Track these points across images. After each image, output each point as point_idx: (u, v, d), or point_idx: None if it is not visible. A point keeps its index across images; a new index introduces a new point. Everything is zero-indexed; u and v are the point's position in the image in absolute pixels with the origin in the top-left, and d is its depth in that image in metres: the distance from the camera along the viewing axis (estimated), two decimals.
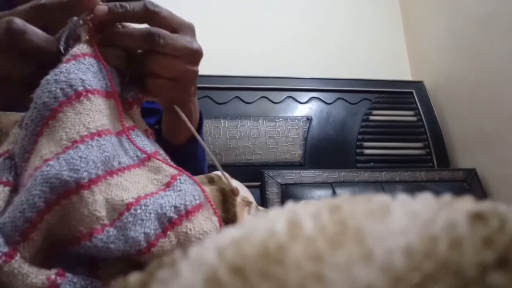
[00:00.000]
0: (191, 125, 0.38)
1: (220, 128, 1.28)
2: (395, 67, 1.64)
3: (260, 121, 1.33)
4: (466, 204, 0.13)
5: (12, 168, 0.26)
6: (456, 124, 1.41)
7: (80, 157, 0.24)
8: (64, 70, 0.27)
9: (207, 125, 1.28)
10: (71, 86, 0.26)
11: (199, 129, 0.50)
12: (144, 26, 0.33)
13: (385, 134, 1.40)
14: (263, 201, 1.12)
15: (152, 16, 0.32)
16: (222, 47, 1.50)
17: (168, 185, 0.29)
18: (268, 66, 1.49)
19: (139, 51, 0.34)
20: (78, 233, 0.23)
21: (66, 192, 0.23)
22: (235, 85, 1.36)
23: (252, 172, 1.20)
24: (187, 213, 0.27)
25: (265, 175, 1.17)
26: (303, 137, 1.33)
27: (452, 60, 1.44)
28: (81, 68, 0.27)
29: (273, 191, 1.14)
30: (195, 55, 0.36)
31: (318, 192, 1.15)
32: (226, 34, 1.53)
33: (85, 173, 0.24)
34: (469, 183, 1.24)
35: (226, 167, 1.25)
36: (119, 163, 0.27)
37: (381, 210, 0.13)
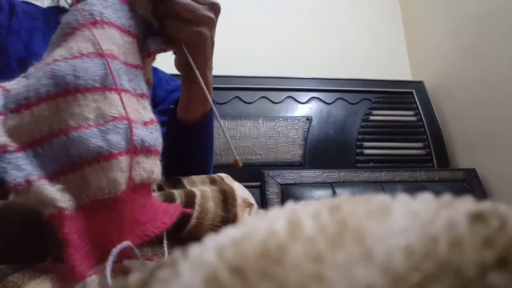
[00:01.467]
0: (205, 89, 0.42)
1: (221, 128, 1.28)
2: (395, 67, 1.64)
3: (260, 121, 1.33)
4: (466, 204, 0.13)
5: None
6: (456, 124, 1.41)
7: (83, 67, 0.29)
8: (89, 2, 0.33)
9: None
10: (91, 14, 0.32)
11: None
12: None
13: (385, 134, 1.39)
14: (263, 201, 1.12)
15: None
16: (222, 47, 1.49)
17: (145, 124, 0.34)
18: (268, 66, 1.49)
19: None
20: (67, 125, 0.28)
21: (64, 92, 0.28)
22: (235, 85, 1.36)
23: (252, 172, 1.19)
24: (147, 150, 0.32)
25: (265, 175, 1.17)
26: (303, 137, 1.33)
27: (452, 60, 1.44)
28: (103, 3, 0.33)
29: (273, 191, 1.14)
30: (214, 6, 0.41)
31: (318, 192, 1.15)
32: (226, 35, 1.53)
33: (83, 81, 0.29)
34: (469, 183, 1.24)
35: (226, 167, 1.25)
36: (120, 84, 0.32)
37: (381, 210, 0.13)
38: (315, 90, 1.43)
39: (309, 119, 1.37)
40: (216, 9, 0.41)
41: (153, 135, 0.33)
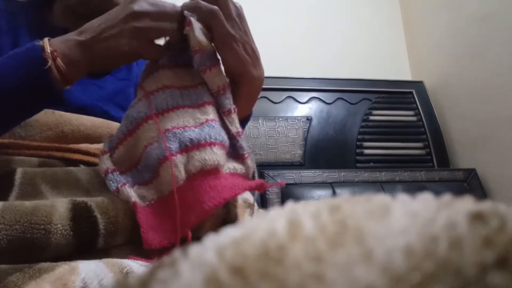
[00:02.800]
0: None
1: None
2: (395, 67, 1.64)
3: (260, 121, 1.33)
4: (466, 204, 0.13)
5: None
6: (456, 124, 1.41)
7: (140, 106, 0.41)
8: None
9: None
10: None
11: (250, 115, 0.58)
12: None
13: (385, 134, 1.39)
14: (263, 201, 1.12)
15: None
16: None
17: (200, 124, 0.40)
18: (268, 66, 1.48)
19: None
20: (143, 147, 0.39)
21: (137, 124, 0.40)
22: None
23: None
24: (197, 145, 0.38)
25: (265, 175, 1.17)
26: (303, 137, 1.33)
27: (452, 60, 1.44)
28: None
29: (273, 191, 1.14)
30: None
31: (318, 192, 1.15)
32: None
33: (143, 115, 0.40)
34: (469, 183, 1.24)
35: None
36: (176, 103, 0.42)
37: (381, 210, 0.13)
38: (315, 90, 1.43)
39: (309, 119, 1.37)
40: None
41: (204, 132, 0.39)
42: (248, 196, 0.42)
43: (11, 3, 0.59)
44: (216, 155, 0.38)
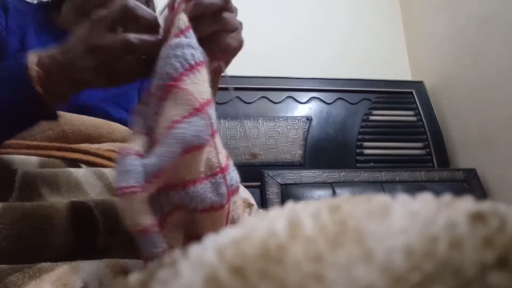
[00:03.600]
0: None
1: (220, 128, 1.28)
2: (395, 67, 1.64)
3: (260, 121, 1.33)
4: (466, 204, 0.13)
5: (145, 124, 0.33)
6: (456, 124, 1.41)
7: (201, 125, 0.31)
8: (179, 45, 0.33)
9: None
10: (186, 60, 0.32)
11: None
12: None
13: (385, 134, 1.39)
14: (263, 201, 1.12)
15: (229, 7, 0.39)
16: None
17: (228, 159, 0.36)
18: (268, 66, 1.49)
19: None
20: (185, 181, 0.31)
21: (189, 150, 0.30)
22: (235, 85, 1.36)
23: (252, 172, 1.19)
24: (237, 189, 0.35)
25: (265, 175, 1.17)
26: (303, 137, 1.33)
27: (452, 60, 1.44)
28: (189, 43, 0.33)
29: (273, 191, 1.14)
30: (236, 11, 0.44)
31: (318, 192, 1.15)
32: None
33: (203, 140, 0.31)
34: (469, 183, 1.24)
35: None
36: (215, 126, 0.34)
37: (381, 210, 0.13)
38: (315, 90, 1.43)
39: (309, 119, 1.37)
40: (236, 12, 0.45)
41: (235, 172, 0.35)
42: (247, 196, 0.43)
43: (21, 3, 0.59)
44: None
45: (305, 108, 1.39)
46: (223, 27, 0.39)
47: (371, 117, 1.41)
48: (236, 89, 1.36)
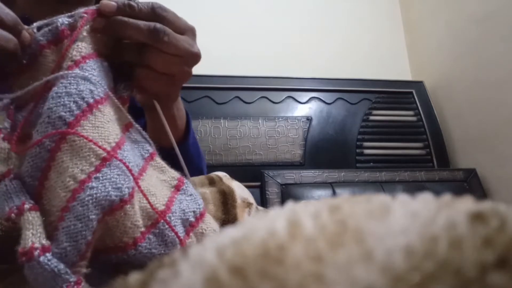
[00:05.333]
0: (166, 124, 0.37)
1: (220, 128, 1.28)
2: (395, 67, 1.64)
3: (260, 121, 1.33)
4: (466, 204, 0.13)
5: (23, 189, 0.25)
6: (456, 124, 1.41)
7: (117, 174, 0.25)
8: (72, 81, 0.26)
9: (207, 125, 1.28)
10: (82, 98, 0.26)
11: (188, 128, 0.48)
12: None
13: (385, 134, 1.39)
14: (263, 201, 1.12)
15: (158, 18, 0.32)
16: (222, 47, 1.50)
17: (178, 188, 0.31)
18: (268, 66, 1.49)
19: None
20: (123, 243, 0.25)
21: (112, 210, 0.24)
22: (235, 85, 1.36)
23: (252, 172, 1.19)
24: (200, 215, 0.30)
25: (265, 175, 1.17)
26: (303, 137, 1.33)
27: (452, 60, 1.44)
28: (86, 76, 0.27)
29: (273, 191, 1.14)
30: (193, 58, 0.36)
31: (318, 192, 1.15)
32: (226, 34, 1.53)
33: (126, 189, 0.25)
34: (469, 183, 1.24)
35: (226, 167, 1.25)
36: (137, 166, 0.28)
37: (381, 210, 0.13)
38: (315, 90, 1.43)
39: (309, 119, 1.37)
40: (196, 60, 0.36)
41: (192, 197, 0.31)
42: (247, 195, 0.42)
43: None
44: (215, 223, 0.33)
45: (305, 108, 1.39)
46: (144, 62, 0.32)
47: (371, 117, 1.41)
48: (236, 89, 1.36)
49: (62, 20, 0.28)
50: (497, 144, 1.22)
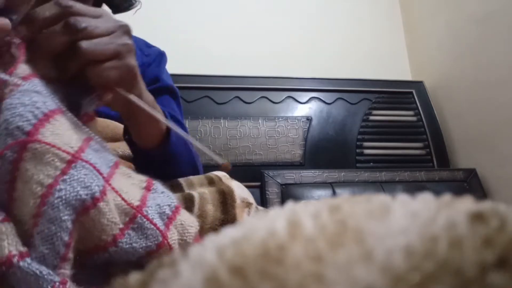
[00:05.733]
0: (145, 106, 0.36)
1: (220, 128, 1.28)
2: (395, 67, 1.64)
3: (260, 121, 1.33)
4: (466, 204, 0.13)
5: None
6: (456, 124, 1.41)
7: (84, 174, 0.25)
8: (25, 93, 0.26)
9: (207, 125, 1.28)
10: (38, 108, 0.26)
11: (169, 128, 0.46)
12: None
13: (385, 134, 1.39)
14: (263, 201, 1.12)
15: (68, 11, 0.31)
16: (222, 47, 1.50)
17: (148, 188, 0.31)
18: (268, 66, 1.49)
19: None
20: (102, 241, 0.25)
21: (84, 209, 0.24)
22: (235, 85, 1.36)
23: (252, 172, 1.19)
24: (176, 209, 0.30)
25: (265, 175, 1.17)
26: (303, 137, 1.33)
27: (452, 60, 1.44)
28: (37, 89, 0.27)
29: (273, 191, 1.14)
30: (123, 29, 0.35)
31: (318, 192, 1.15)
32: (226, 34, 1.53)
33: (96, 187, 0.25)
34: (469, 183, 1.24)
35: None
36: (104, 169, 0.28)
37: (381, 210, 0.13)
38: (315, 90, 1.43)
39: (309, 119, 1.37)
40: (127, 31, 0.35)
41: (165, 193, 0.31)
42: (246, 195, 0.42)
43: None
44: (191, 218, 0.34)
45: (305, 108, 1.39)
46: (84, 61, 0.31)
47: (371, 117, 1.41)
48: (236, 89, 1.36)
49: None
50: (497, 144, 1.22)
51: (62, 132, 0.26)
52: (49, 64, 0.31)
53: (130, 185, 0.30)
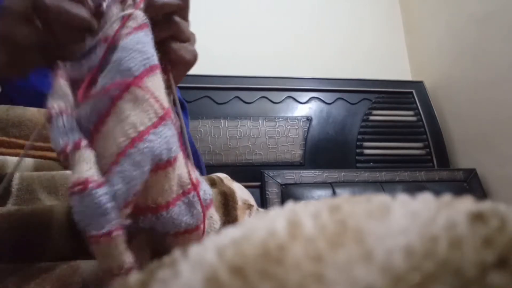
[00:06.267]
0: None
1: (220, 128, 1.28)
2: (395, 67, 1.64)
3: (260, 121, 1.33)
4: (466, 204, 0.13)
5: (78, 128, 0.25)
6: (456, 124, 1.41)
7: (170, 135, 0.26)
8: (141, 40, 0.27)
9: (207, 125, 1.28)
10: (148, 58, 0.27)
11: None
12: None
13: (385, 134, 1.39)
14: (263, 201, 1.12)
15: None
16: (222, 47, 1.50)
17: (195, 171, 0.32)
18: (268, 66, 1.49)
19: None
20: (155, 204, 0.26)
21: (157, 167, 0.25)
22: (235, 85, 1.36)
23: (252, 172, 1.19)
24: (210, 201, 0.31)
25: (265, 175, 1.17)
26: (303, 137, 1.33)
27: (452, 60, 1.44)
28: (149, 41, 0.28)
29: (273, 191, 1.14)
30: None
31: (318, 192, 1.15)
32: (226, 34, 1.53)
33: (174, 152, 0.26)
34: (469, 183, 1.24)
35: (226, 167, 1.25)
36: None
37: (381, 210, 0.13)
38: (315, 90, 1.43)
39: (309, 119, 1.37)
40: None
41: (206, 185, 0.31)
42: (247, 197, 0.42)
43: None
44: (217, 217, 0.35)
45: (305, 108, 1.39)
46: (175, 33, 0.35)
47: (371, 117, 1.42)
48: (236, 89, 1.36)
49: None
50: (497, 144, 1.22)
51: (160, 89, 0.27)
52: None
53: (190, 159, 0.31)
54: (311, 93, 1.42)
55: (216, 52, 1.48)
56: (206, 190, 0.31)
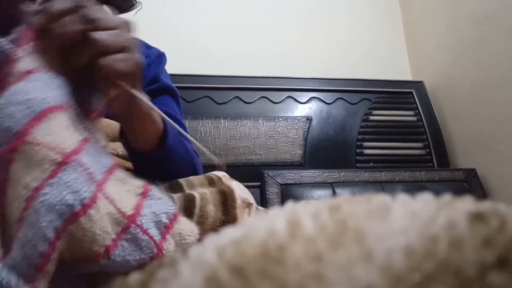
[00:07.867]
0: (151, 104, 0.35)
1: (220, 128, 1.28)
2: (395, 67, 1.64)
3: (260, 121, 1.33)
4: (466, 204, 0.13)
5: None
6: (456, 124, 1.41)
7: (74, 178, 0.23)
8: (21, 90, 0.25)
9: (207, 125, 1.28)
10: (32, 106, 0.24)
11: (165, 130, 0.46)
12: None
13: (385, 134, 1.39)
14: (263, 201, 1.12)
15: (80, 5, 0.32)
16: (222, 47, 1.50)
17: (144, 194, 0.29)
18: (268, 66, 1.49)
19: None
20: (93, 253, 0.23)
21: (73, 216, 0.22)
22: (235, 85, 1.36)
23: (252, 172, 1.19)
24: (174, 217, 0.29)
25: (265, 175, 1.17)
26: (303, 137, 1.33)
27: (452, 60, 1.44)
28: (38, 85, 0.26)
29: (273, 191, 1.14)
30: (128, 25, 0.35)
31: (318, 192, 1.15)
32: (226, 34, 1.53)
33: (85, 193, 0.23)
34: (469, 183, 1.24)
35: (226, 167, 1.24)
36: (99, 174, 0.27)
37: (381, 210, 0.13)
38: (315, 90, 1.43)
39: (309, 119, 1.37)
40: (131, 28, 0.36)
41: (162, 200, 0.29)
42: (247, 195, 0.42)
43: None
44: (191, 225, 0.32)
45: (305, 108, 1.39)
46: (100, 49, 0.31)
47: (371, 117, 1.41)
48: (236, 89, 1.36)
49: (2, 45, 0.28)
50: (497, 144, 1.22)
51: (57, 132, 0.25)
52: (60, 57, 0.31)
53: (125, 191, 0.29)
54: (311, 93, 1.42)
55: (216, 52, 1.48)
56: (156, 211, 0.28)
